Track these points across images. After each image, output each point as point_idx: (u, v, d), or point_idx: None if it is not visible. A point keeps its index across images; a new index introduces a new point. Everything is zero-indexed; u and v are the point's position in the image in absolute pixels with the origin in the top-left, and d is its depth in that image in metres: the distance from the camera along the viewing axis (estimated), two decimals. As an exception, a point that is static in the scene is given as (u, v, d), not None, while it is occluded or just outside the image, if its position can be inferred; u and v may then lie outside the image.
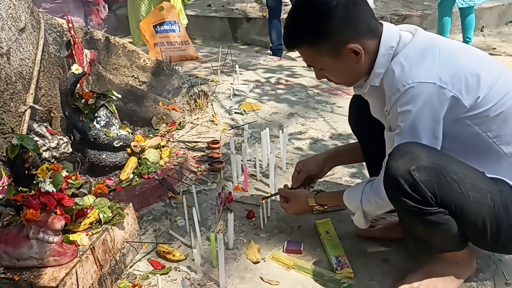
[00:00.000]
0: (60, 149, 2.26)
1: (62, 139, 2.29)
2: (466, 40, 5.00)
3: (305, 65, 1.50)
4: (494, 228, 1.29)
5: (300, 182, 1.85)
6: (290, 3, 4.95)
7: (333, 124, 2.82)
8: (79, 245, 1.49)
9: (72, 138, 2.34)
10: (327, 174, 1.95)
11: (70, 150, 2.29)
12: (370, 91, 1.42)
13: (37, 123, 2.25)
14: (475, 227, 1.29)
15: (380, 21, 1.37)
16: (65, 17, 2.15)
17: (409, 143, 1.26)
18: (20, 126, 2.14)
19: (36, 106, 2.21)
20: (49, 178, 1.43)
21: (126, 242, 1.70)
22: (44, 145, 2.18)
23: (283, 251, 1.72)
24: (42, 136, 2.22)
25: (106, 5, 4.64)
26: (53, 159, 2.21)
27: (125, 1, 7.85)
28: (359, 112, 1.71)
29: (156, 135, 2.56)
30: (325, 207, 1.81)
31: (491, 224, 1.28)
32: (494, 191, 1.28)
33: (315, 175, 1.87)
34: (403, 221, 1.43)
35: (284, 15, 5.05)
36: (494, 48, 5.14)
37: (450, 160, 1.27)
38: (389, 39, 1.32)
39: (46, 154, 2.19)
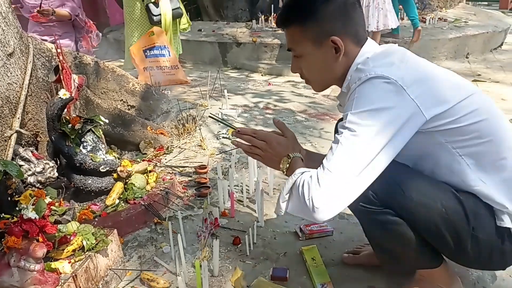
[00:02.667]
0: (45, 173, 2.24)
1: (48, 164, 2.27)
2: (411, 18, 5.66)
3: (294, 90, 1.52)
4: (454, 236, 1.29)
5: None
6: None
7: (320, 149, 2.84)
8: (61, 273, 1.47)
9: (58, 163, 2.33)
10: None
11: (56, 174, 2.28)
12: (342, 98, 1.45)
13: (23, 147, 2.24)
14: (430, 233, 1.31)
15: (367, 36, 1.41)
16: (55, 42, 2.16)
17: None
18: (5, 151, 2.12)
19: (22, 130, 2.20)
20: (32, 205, 1.41)
21: (110, 269, 1.67)
22: (30, 170, 2.16)
23: (268, 278, 1.71)
24: (27, 160, 2.21)
25: (100, 34, 4.67)
26: (39, 184, 2.19)
27: (116, 25, 7.94)
28: None
29: (144, 160, 2.55)
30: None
31: (449, 232, 1.29)
32: (449, 197, 1.29)
33: None
34: (367, 233, 1.46)
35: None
36: (479, 75, 5.23)
37: (397, 166, 1.27)
38: (367, 52, 1.36)
39: (31, 179, 2.17)
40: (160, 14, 4.44)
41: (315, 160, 1.73)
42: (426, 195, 1.29)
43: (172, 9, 4.58)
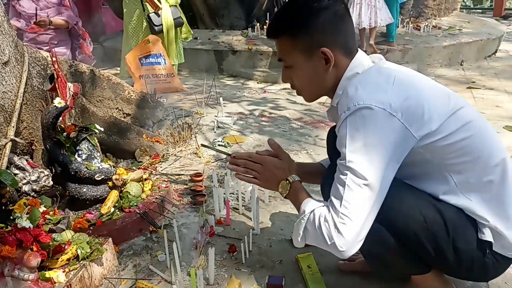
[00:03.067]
0: (40, 182, 2.23)
1: (43, 172, 2.26)
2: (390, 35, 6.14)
3: (289, 97, 1.54)
4: (434, 245, 1.31)
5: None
6: None
7: (315, 156, 2.84)
8: (55, 283, 1.46)
9: (53, 171, 2.32)
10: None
11: (51, 183, 2.27)
12: (332, 111, 1.47)
13: (18, 156, 2.23)
14: (410, 241, 1.32)
15: (357, 49, 1.42)
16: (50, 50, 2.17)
17: None
18: (0, 160, 2.12)
19: (17, 139, 2.20)
20: (26, 214, 1.41)
21: (105, 278, 1.67)
22: (24, 178, 2.15)
23: (264, 287, 1.70)
24: (22, 169, 2.20)
25: (91, 42, 4.69)
26: (33, 192, 2.18)
27: (111, 33, 7.96)
28: (334, 144, 1.73)
29: (139, 168, 2.55)
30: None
31: (428, 240, 1.30)
32: (428, 207, 1.31)
33: None
34: None
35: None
36: (474, 82, 5.27)
37: None
38: (357, 66, 1.37)
39: (26, 188, 2.16)
40: (161, 24, 4.46)
41: (309, 173, 1.78)
42: (406, 204, 1.31)
43: (174, 19, 4.60)
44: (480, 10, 13.62)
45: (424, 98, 1.30)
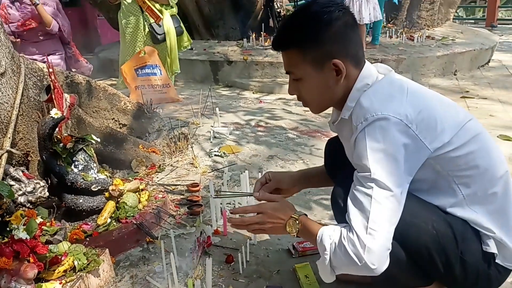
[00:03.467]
0: (36, 193, 2.22)
1: (39, 183, 2.25)
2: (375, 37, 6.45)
3: (285, 107, 1.54)
4: (443, 258, 1.31)
5: (270, 191, 1.71)
6: None
7: (311, 166, 2.84)
8: (52, 294, 1.45)
9: (48, 182, 2.31)
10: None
11: (47, 194, 2.25)
12: (342, 124, 1.45)
13: (14, 167, 2.22)
14: (420, 254, 1.31)
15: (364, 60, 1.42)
16: (45, 61, 2.17)
17: None
18: (-5, 171, 2.11)
19: (13, 150, 2.19)
20: (23, 225, 1.40)
21: (101, 289, 1.66)
22: (20, 190, 2.14)
23: (262, 297, 1.70)
24: (18, 180, 2.19)
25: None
26: (29, 204, 2.17)
27: (107, 44, 7.99)
28: (334, 155, 1.74)
29: (136, 178, 2.54)
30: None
31: (438, 254, 1.30)
32: (440, 220, 1.31)
33: (285, 190, 1.80)
34: None
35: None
36: (467, 91, 5.31)
37: None
38: (367, 77, 1.36)
39: (21, 199, 2.15)
40: (163, 33, 4.47)
41: (312, 177, 1.82)
42: (418, 217, 1.31)
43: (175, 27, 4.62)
44: (473, 21, 13.76)
45: (436, 110, 1.31)
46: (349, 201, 1.29)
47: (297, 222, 1.43)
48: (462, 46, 6.71)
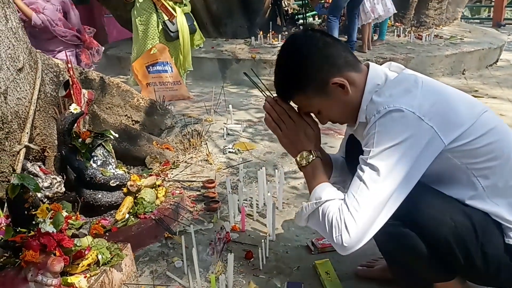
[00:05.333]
0: (53, 188, 2.23)
1: (56, 179, 2.26)
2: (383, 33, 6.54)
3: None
4: (463, 250, 1.30)
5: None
6: None
7: (326, 163, 2.84)
8: (77, 288, 1.45)
9: (64, 177, 2.32)
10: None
11: (63, 189, 2.26)
12: (359, 128, 1.45)
13: (31, 162, 2.23)
14: (440, 246, 1.31)
15: (366, 62, 1.44)
16: (58, 57, 2.17)
17: None
18: (14, 166, 2.11)
19: (31, 145, 2.20)
20: (50, 219, 1.40)
21: (124, 284, 1.66)
22: (38, 185, 2.15)
23: (283, 293, 1.70)
24: (35, 175, 2.20)
25: (101, 49, 4.67)
26: (46, 199, 2.18)
27: (114, 42, 7.99)
28: (352, 152, 1.73)
29: (151, 175, 2.55)
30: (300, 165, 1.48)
31: (458, 245, 1.30)
32: (458, 212, 1.31)
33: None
34: (380, 246, 1.46)
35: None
36: (476, 91, 5.29)
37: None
38: (375, 77, 1.38)
39: (38, 194, 2.16)
40: (177, 31, 4.46)
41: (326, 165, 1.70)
42: (436, 209, 1.30)
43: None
44: (478, 21, 13.70)
45: (451, 102, 1.31)
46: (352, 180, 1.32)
47: (310, 158, 1.44)
48: (470, 45, 6.69)
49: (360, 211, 1.23)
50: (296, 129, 1.46)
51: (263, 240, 1.89)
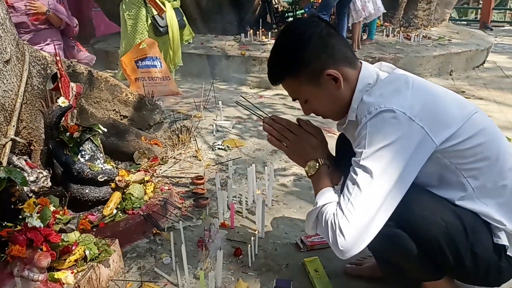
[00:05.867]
0: (39, 183, 2.19)
1: (42, 173, 2.22)
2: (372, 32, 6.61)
3: (285, 103, 1.53)
4: (453, 250, 1.31)
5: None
6: None
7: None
8: (63, 284, 1.43)
9: (51, 172, 2.28)
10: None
11: (49, 184, 2.23)
12: (349, 127, 1.46)
13: (17, 156, 2.19)
14: (430, 246, 1.32)
15: (360, 60, 1.43)
16: (45, 49, 2.14)
17: None
18: (0, 159, 2.07)
19: (17, 138, 2.16)
20: (37, 213, 1.38)
21: (111, 280, 1.64)
22: (24, 179, 2.11)
23: (272, 290, 1.70)
24: (21, 169, 2.15)
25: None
26: (32, 194, 2.14)
27: (101, 36, 7.90)
28: (343, 150, 1.73)
29: (139, 170, 2.52)
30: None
31: (448, 245, 1.31)
32: (449, 212, 1.31)
33: None
34: (370, 245, 1.43)
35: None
36: (463, 92, 5.34)
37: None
38: (366, 76, 1.38)
39: (25, 188, 2.12)
40: (166, 26, 4.42)
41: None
42: (427, 209, 1.31)
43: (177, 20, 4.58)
44: (465, 22, 13.85)
45: (441, 103, 1.31)
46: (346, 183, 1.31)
47: (316, 167, 1.44)
48: (458, 46, 6.76)
49: (355, 214, 1.23)
50: (300, 141, 1.47)
51: (252, 237, 1.89)
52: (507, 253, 1.35)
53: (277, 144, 1.51)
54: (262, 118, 1.52)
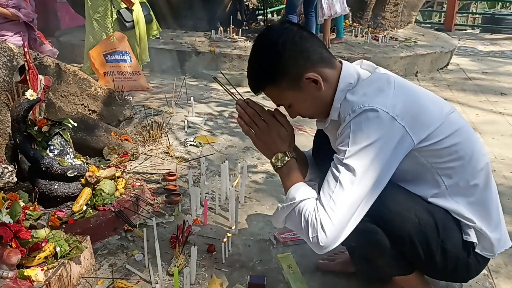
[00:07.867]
0: (4, 178, 2.12)
1: (7, 168, 2.15)
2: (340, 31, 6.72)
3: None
4: (425, 246, 1.35)
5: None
6: None
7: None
8: (33, 281, 1.39)
9: (16, 167, 2.21)
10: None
11: (15, 179, 2.16)
12: (331, 126, 1.47)
13: (-19, 150, 2.11)
14: (404, 243, 1.36)
15: (339, 59, 1.45)
16: (11, 41, 2.07)
17: None
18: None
19: (-19, 132, 2.08)
20: (6, 209, 1.33)
21: (82, 277, 1.61)
22: (-12, 174, 2.04)
23: (246, 286, 1.70)
24: (-15, 164, 2.08)
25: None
26: (-3, 189, 2.07)
27: (66, 28, 7.68)
28: (321, 146, 1.75)
29: (109, 166, 2.47)
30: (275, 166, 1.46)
31: (420, 241, 1.34)
32: (422, 209, 1.36)
33: None
34: (344, 240, 1.44)
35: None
36: (429, 92, 5.49)
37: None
38: (347, 76, 1.39)
39: (-9, 183, 2.05)
40: (132, 21, 4.33)
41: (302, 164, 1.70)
42: (402, 206, 1.35)
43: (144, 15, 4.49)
44: (429, 25, 14.21)
45: (421, 102, 1.35)
46: (325, 179, 1.32)
47: (285, 160, 1.42)
48: (423, 48, 6.94)
49: (336, 211, 1.24)
50: (269, 130, 1.44)
51: (225, 234, 1.88)
52: (475, 250, 1.41)
53: (246, 130, 1.47)
54: (236, 100, 1.49)
